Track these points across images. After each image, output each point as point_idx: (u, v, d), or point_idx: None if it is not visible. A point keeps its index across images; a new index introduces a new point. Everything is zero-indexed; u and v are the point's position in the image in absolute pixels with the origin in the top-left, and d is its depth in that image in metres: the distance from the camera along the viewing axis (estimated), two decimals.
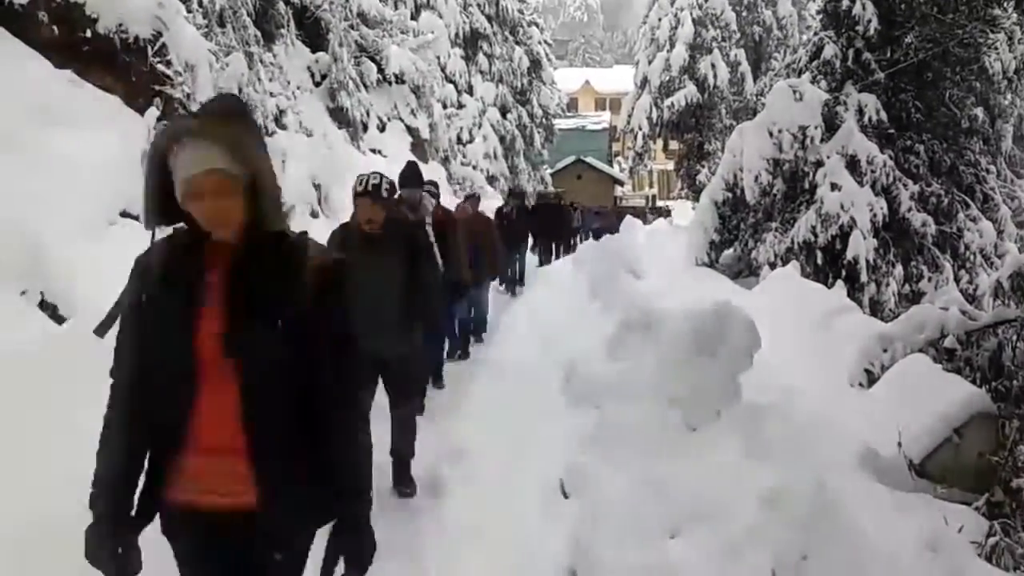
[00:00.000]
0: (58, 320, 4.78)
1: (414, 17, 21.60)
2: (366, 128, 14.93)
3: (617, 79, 57.23)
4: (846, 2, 12.10)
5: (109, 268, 5.67)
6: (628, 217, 23.95)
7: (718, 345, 4.61)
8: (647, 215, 37.03)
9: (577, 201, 29.76)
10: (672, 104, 28.71)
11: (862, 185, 11.13)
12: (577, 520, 3.71)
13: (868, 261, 10.88)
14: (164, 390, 1.78)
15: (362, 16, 15.87)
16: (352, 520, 1.86)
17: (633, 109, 31.22)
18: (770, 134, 11.55)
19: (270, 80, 11.62)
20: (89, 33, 7.07)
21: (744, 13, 30.15)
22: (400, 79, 16.77)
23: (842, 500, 2.94)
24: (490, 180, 26.21)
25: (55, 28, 6.83)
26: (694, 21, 29.18)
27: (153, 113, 7.25)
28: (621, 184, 49.19)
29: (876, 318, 8.50)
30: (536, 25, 34.57)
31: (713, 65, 28.43)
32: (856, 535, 2.80)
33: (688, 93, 28.53)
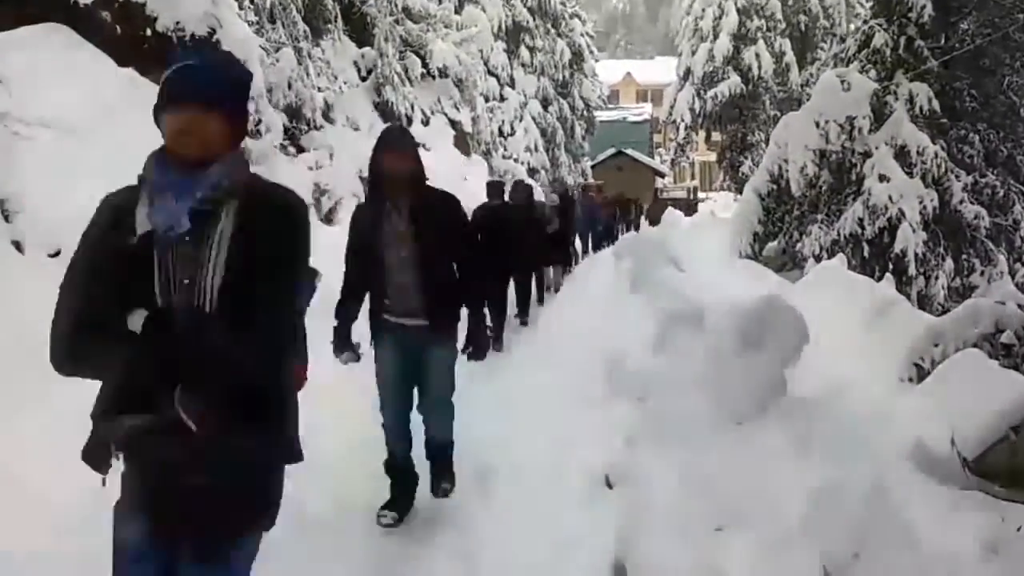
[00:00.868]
0: None
1: (457, 11, 21.65)
2: (411, 122, 15.03)
3: (659, 70, 56.69)
4: None
5: None
6: (669, 209, 23.77)
7: (765, 339, 4.56)
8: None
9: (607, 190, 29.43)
10: (715, 95, 28.45)
11: (912, 176, 10.92)
12: (622, 513, 3.71)
13: (917, 254, 10.68)
14: None
15: (407, 11, 15.96)
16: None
17: (675, 100, 30.99)
18: (816, 125, 11.38)
19: (318, 75, 11.77)
20: (149, 31, 7.26)
21: (790, 2, 29.71)
22: (444, 73, 16.83)
23: (895, 497, 2.90)
24: (531, 172, 26.19)
25: (118, 27, 7.02)
26: (738, 11, 28.83)
27: None
28: (662, 176, 48.78)
29: (925, 312, 8.33)
30: (578, 17, 34.41)
31: (757, 55, 28.10)
32: (911, 534, 2.75)
33: (731, 84, 28.24)
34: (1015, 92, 12.34)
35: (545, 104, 29.44)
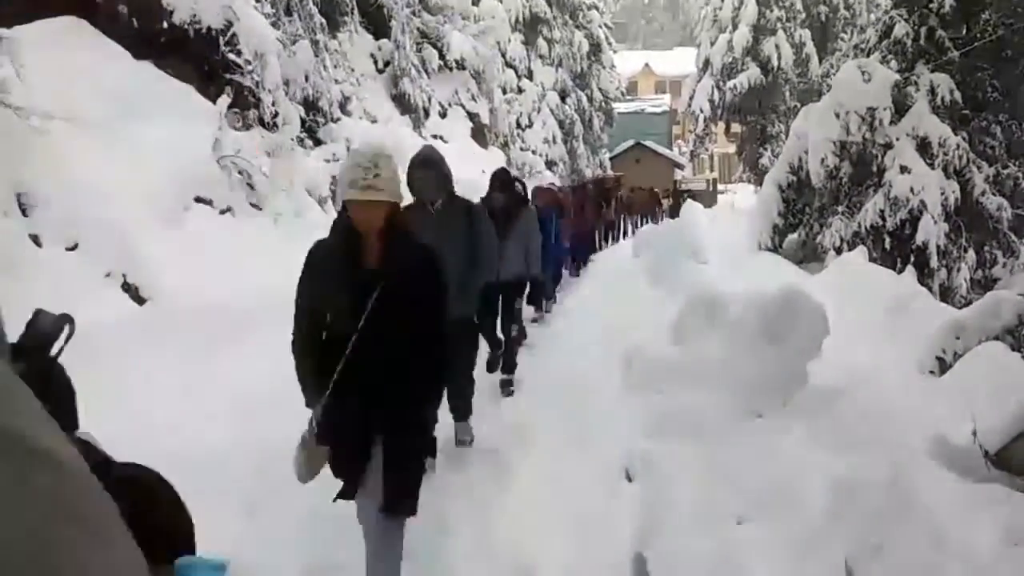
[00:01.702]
0: (139, 301, 4.97)
1: (475, 3, 21.61)
2: (428, 114, 15.05)
3: (677, 62, 56.30)
4: None
5: (185, 252, 5.89)
6: (689, 201, 23.53)
7: (786, 331, 4.56)
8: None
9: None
10: (735, 86, 28.27)
11: (933, 168, 10.81)
12: (642, 504, 3.72)
13: (939, 246, 10.58)
14: None
15: (423, 2, 15.96)
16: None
17: (694, 91, 30.83)
18: (837, 116, 11.29)
19: (335, 67, 11.80)
20: (165, 25, 7.30)
21: None
22: (461, 65, 16.83)
23: (917, 489, 2.89)
24: (549, 165, 26.15)
25: (134, 21, 7.07)
26: (758, 2, 28.62)
27: (224, 101, 7.44)
28: (681, 168, 48.51)
29: (947, 305, 8.27)
30: (596, 8, 34.25)
31: (777, 46, 27.88)
32: (932, 526, 2.75)
33: (751, 75, 28.05)
34: None
35: (563, 96, 29.35)
